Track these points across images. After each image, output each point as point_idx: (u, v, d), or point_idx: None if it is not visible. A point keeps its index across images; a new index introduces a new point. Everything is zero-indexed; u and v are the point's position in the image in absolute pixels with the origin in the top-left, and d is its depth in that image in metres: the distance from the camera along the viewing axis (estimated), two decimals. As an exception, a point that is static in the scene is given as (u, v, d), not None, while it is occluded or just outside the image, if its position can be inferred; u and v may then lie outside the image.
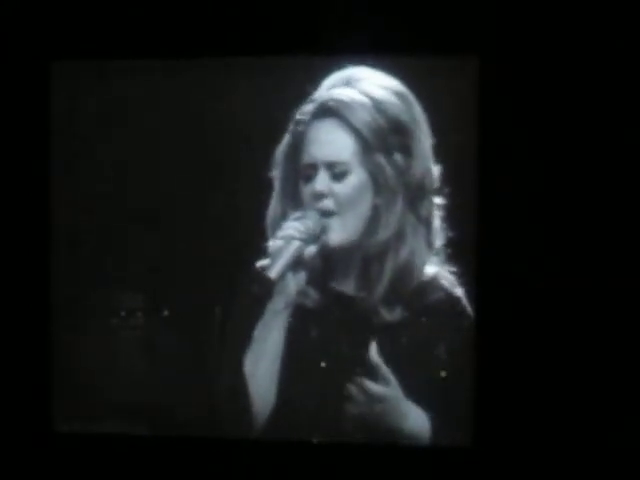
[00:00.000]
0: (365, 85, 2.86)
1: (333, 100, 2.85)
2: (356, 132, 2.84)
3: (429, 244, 2.90)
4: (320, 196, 2.84)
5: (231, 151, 3.10)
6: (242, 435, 3.00)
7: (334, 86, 2.89)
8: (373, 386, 2.87)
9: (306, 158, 2.87)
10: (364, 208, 2.86)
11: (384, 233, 2.85)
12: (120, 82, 3.19)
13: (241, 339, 2.89)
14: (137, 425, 3.18)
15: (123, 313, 3.20)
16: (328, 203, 2.84)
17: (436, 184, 2.90)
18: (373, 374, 2.87)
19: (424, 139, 2.87)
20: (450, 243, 2.92)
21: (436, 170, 2.90)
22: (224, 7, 3.13)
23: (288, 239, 2.80)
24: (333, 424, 2.99)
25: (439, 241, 2.92)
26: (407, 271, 2.88)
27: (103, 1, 3.16)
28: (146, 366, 3.18)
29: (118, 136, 3.19)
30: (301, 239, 2.80)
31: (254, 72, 3.10)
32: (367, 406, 2.88)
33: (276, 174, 2.93)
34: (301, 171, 2.88)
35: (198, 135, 3.13)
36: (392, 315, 2.90)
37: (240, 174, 3.07)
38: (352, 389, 2.89)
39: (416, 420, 2.92)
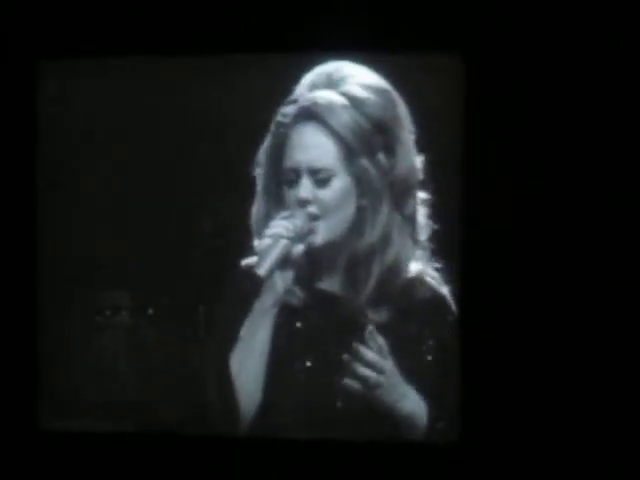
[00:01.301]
0: (346, 85, 2.83)
1: (315, 104, 2.82)
2: (339, 137, 2.81)
3: (414, 240, 2.90)
4: (304, 203, 2.83)
5: (217, 149, 3.11)
6: (228, 433, 3.00)
7: (315, 86, 2.85)
8: (369, 353, 2.83)
9: (288, 162, 2.85)
10: (349, 211, 2.86)
11: (370, 236, 2.84)
12: (106, 81, 3.19)
13: (228, 337, 2.88)
14: (123, 423, 3.18)
15: (108, 312, 3.20)
16: (312, 209, 2.83)
17: (420, 176, 2.89)
18: (369, 344, 2.84)
19: (407, 135, 2.86)
20: (434, 238, 2.93)
21: (420, 161, 2.88)
22: (204, 6, 3.14)
23: (276, 237, 2.80)
24: (319, 423, 2.99)
25: (423, 235, 2.91)
26: (394, 271, 2.88)
27: (92, -1, 3.18)
28: (132, 364, 3.19)
29: (105, 135, 3.19)
30: (289, 237, 2.80)
31: (235, 70, 3.11)
32: (365, 377, 2.83)
33: (259, 174, 2.92)
34: (284, 174, 2.86)
35: (185, 133, 3.14)
36: (379, 316, 2.90)
37: (226, 172, 3.08)
38: (347, 358, 2.84)
39: (416, 402, 2.90)
